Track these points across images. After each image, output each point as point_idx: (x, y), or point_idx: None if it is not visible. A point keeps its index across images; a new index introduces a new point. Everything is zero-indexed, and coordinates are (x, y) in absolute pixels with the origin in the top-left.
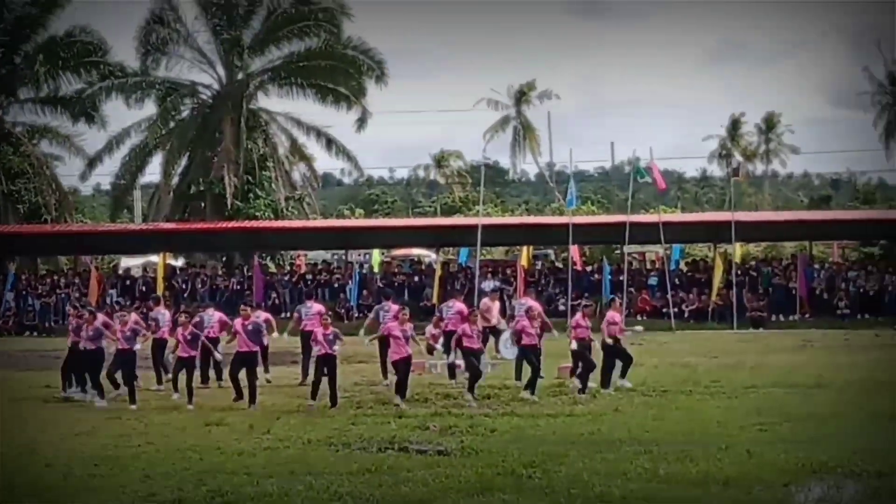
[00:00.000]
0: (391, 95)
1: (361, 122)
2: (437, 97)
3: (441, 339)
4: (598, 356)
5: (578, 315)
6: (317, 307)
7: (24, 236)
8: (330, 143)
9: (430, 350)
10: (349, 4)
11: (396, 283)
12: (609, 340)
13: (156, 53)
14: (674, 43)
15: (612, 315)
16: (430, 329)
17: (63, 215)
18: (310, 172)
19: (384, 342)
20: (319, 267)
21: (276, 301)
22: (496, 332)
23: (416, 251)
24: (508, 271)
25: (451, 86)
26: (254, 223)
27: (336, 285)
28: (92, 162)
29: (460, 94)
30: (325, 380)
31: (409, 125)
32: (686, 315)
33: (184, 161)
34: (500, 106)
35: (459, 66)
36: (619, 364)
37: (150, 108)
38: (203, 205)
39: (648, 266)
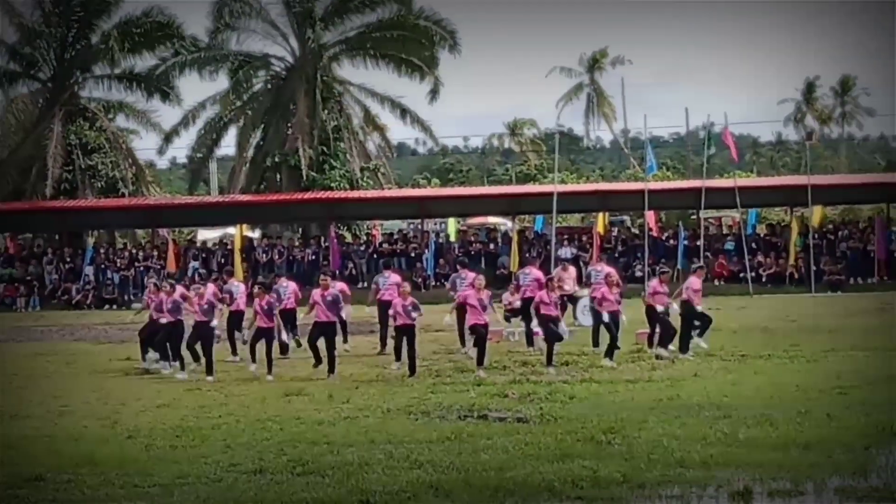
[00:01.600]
0: (464, 65)
1: (434, 93)
2: (510, 66)
3: (518, 306)
4: (676, 321)
5: (655, 281)
6: (395, 277)
7: (102, 210)
8: (404, 112)
9: (508, 318)
10: None
11: (472, 252)
12: (687, 305)
13: (227, 30)
14: (747, 7)
15: (694, 281)
16: (506, 296)
17: (140, 189)
18: (384, 142)
19: (462, 310)
20: (395, 236)
21: (353, 271)
22: (573, 300)
23: (491, 219)
24: (584, 238)
25: (524, 54)
26: (329, 193)
27: (412, 255)
28: (168, 136)
29: (533, 62)
30: (404, 349)
31: (483, 94)
32: (764, 279)
33: (259, 133)
34: (573, 73)
35: (532, 35)
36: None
37: (223, 82)
38: (279, 176)
39: (725, 231)
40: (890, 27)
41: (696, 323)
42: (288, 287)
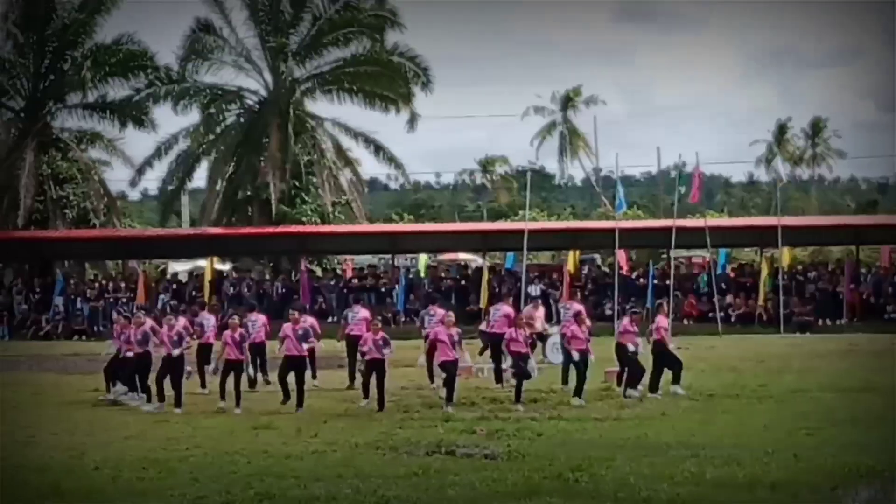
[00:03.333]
0: (437, 101)
1: (412, 122)
2: (482, 103)
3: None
4: (646, 361)
5: (626, 320)
6: (363, 312)
7: (72, 241)
8: (378, 148)
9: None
10: (397, 12)
11: (443, 288)
12: (659, 345)
13: (199, 59)
14: (720, 47)
15: (661, 319)
16: (528, 310)
17: (111, 220)
18: (356, 177)
19: (431, 346)
20: (366, 271)
21: (323, 306)
22: (542, 338)
23: (462, 255)
24: (555, 276)
25: (497, 91)
26: (301, 227)
27: (383, 290)
28: (141, 168)
29: (505, 99)
30: (372, 385)
31: (455, 131)
32: (733, 319)
33: (230, 166)
34: (545, 112)
35: (505, 72)
36: (668, 371)
37: (197, 114)
38: (250, 210)
39: (696, 270)
40: (867, 68)
41: (665, 367)
42: (257, 320)
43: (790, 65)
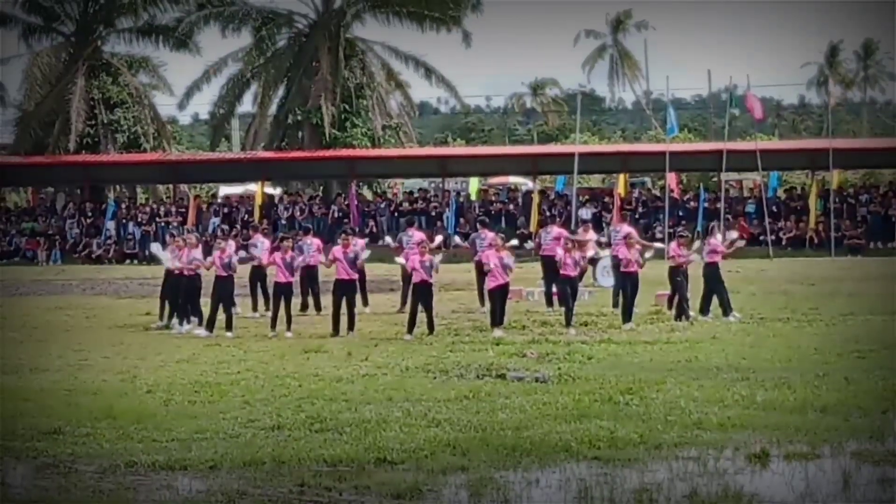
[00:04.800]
0: (487, 24)
1: (466, 40)
2: (532, 26)
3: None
4: (696, 283)
5: (674, 244)
6: (418, 235)
7: (124, 165)
8: (428, 71)
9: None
10: None
11: (493, 212)
12: (709, 264)
13: None
14: None
15: (714, 242)
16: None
17: (162, 144)
18: (406, 101)
19: (481, 269)
20: (416, 195)
21: (374, 229)
22: (593, 260)
23: (512, 179)
24: (607, 199)
25: (548, 14)
26: (351, 151)
27: (433, 213)
28: (189, 91)
29: (556, 22)
30: (420, 310)
31: (506, 54)
32: (783, 242)
33: (281, 90)
34: (597, 35)
35: None
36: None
37: (246, 38)
38: (300, 134)
39: (746, 193)
40: None
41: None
42: (312, 244)
43: None
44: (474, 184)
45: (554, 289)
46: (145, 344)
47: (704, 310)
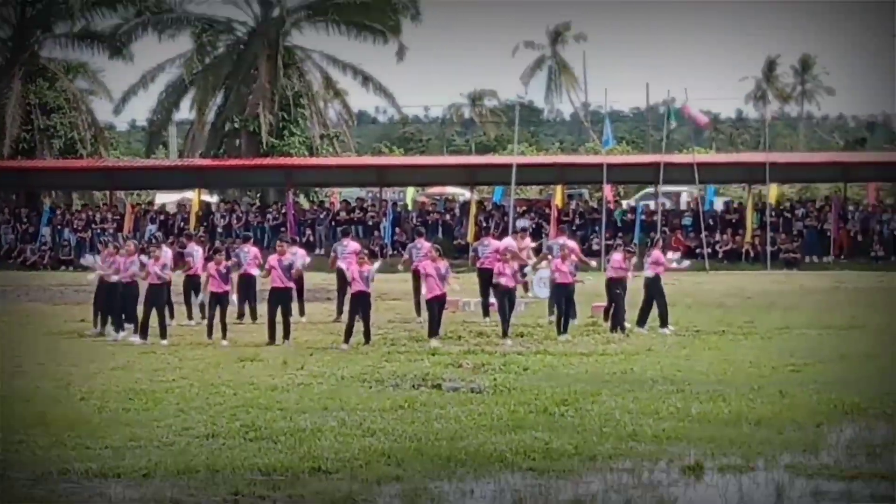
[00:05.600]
0: (426, 35)
1: (400, 53)
2: (471, 37)
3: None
4: (635, 295)
5: (619, 255)
6: (353, 245)
7: (60, 171)
8: (366, 79)
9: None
10: None
11: (430, 222)
12: (651, 277)
13: None
14: None
15: (657, 255)
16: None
17: (98, 150)
18: (344, 110)
19: (418, 279)
20: (353, 204)
21: (311, 238)
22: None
23: (450, 189)
24: (546, 210)
25: (486, 26)
26: (289, 160)
27: (370, 223)
28: (125, 97)
29: (495, 34)
30: (357, 320)
31: (444, 65)
32: (720, 255)
33: (219, 98)
34: (536, 46)
35: (494, 6)
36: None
37: (184, 44)
38: (238, 142)
39: (682, 207)
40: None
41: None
42: (249, 252)
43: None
44: (410, 193)
45: (491, 299)
46: (80, 351)
47: (641, 322)
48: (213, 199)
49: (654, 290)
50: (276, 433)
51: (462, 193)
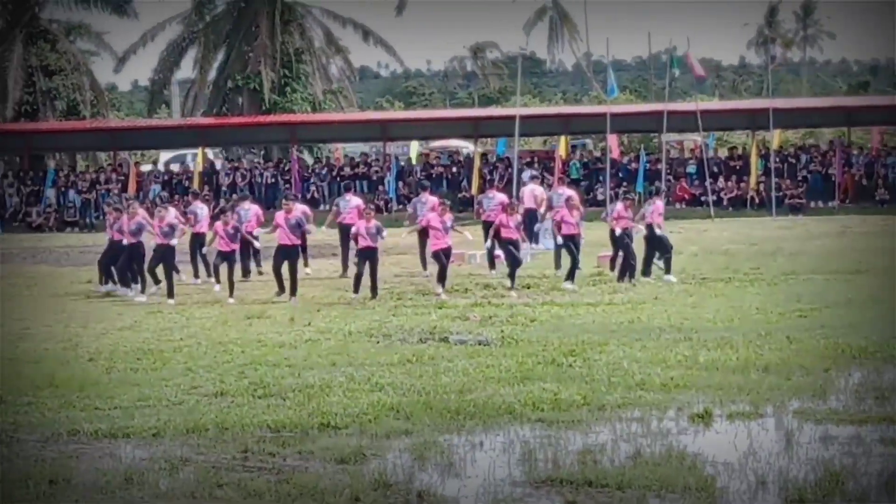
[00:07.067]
0: None
1: (400, 7)
2: None
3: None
4: (639, 246)
5: (620, 205)
6: (356, 200)
7: (63, 133)
8: (367, 34)
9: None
10: None
11: (434, 175)
12: (655, 230)
13: None
14: None
15: (659, 204)
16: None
17: (101, 111)
18: (346, 65)
19: (423, 233)
20: (357, 159)
21: (315, 194)
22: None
23: (453, 142)
24: (551, 164)
25: None
26: (291, 116)
27: (374, 178)
28: (125, 56)
29: None
30: (366, 272)
31: (445, 18)
32: (724, 203)
33: (220, 56)
34: None
35: None
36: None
37: (182, 3)
38: (240, 99)
39: (687, 154)
40: None
41: (657, 253)
42: (249, 210)
43: None
44: (415, 147)
45: (497, 251)
46: (87, 312)
47: (646, 271)
48: (216, 157)
49: (654, 239)
50: (284, 390)
51: (466, 146)
